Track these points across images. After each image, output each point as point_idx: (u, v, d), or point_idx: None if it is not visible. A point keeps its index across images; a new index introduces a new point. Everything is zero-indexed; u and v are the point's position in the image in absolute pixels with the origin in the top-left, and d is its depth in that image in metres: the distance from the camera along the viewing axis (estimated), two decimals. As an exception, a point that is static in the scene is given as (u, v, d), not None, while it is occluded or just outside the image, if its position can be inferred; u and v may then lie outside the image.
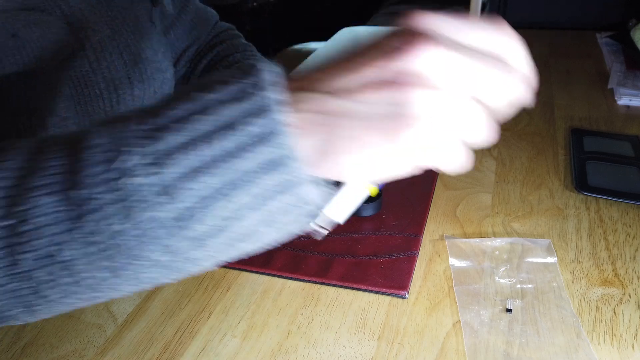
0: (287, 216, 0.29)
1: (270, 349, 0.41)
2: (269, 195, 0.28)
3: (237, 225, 0.28)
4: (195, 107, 0.28)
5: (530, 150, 0.69)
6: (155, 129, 0.27)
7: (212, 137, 0.27)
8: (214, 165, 0.27)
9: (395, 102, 0.26)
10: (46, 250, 0.28)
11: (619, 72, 0.95)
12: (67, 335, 0.44)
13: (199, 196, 0.27)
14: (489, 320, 0.42)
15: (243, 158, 0.27)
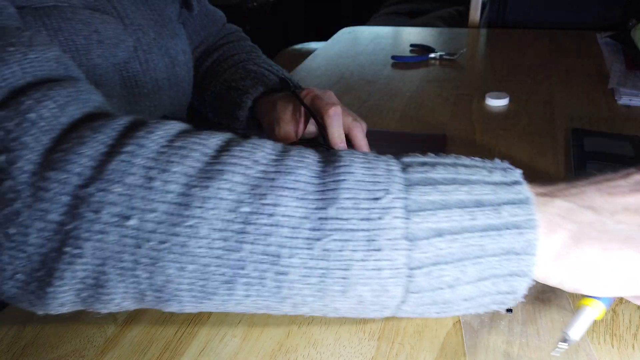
0: (490, 299, 0.31)
1: (271, 349, 0.41)
2: (491, 277, 0.29)
3: (449, 294, 0.30)
4: (457, 177, 0.30)
5: (530, 151, 0.69)
6: (416, 183, 0.29)
7: (470, 209, 0.29)
8: (461, 234, 0.28)
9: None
10: (274, 249, 0.28)
11: (619, 72, 0.95)
12: (67, 335, 0.44)
13: (438, 255, 0.28)
14: (489, 320, 0.42)
15: (490, 237, 0.28)
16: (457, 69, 1.05)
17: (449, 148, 0.71)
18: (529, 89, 0.92)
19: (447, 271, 0.29)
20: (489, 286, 0.30)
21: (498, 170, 0.31)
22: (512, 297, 0.31)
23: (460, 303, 0.30)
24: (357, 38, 1.34)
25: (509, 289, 0.30)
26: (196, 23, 0.78)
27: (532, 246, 0.29)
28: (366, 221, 0.28)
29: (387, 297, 0.30)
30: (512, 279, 0.30)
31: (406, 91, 0.94)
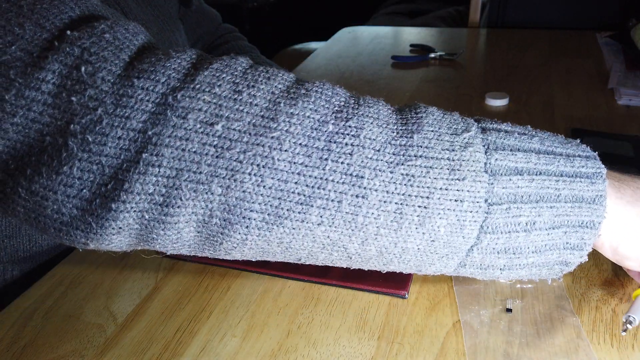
0: (556, 253, 0.32)
1: (270, 349, 0.41)
2: (562, 225, 0.30)
3: (520, 239, 0.30)
4: (528, 130, 0.33)
5: (530, 150, 0.69)
6: (492, 129, 0.31)
7: (548, 154, 0.31)
8: (539, 175, 0.30)
9: None
10: (357, 168, 0.29)
11: (619, 72, 0.95)
12: (67, 335, 0.44)
13: (516, 193, 0.29)
14: (489, 320, 0.42)
15: (565, 182, 0.30)
16: (457, 69, 1.05)
17: (449, 148, 0.71)
18: (529, 89, 0.92)
19: (524, 211, 0.29)
20: (560, 236, 0.30)
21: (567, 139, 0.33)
22: (578, 253, 0.32)
23: (528, 256, 0.31)
24: (357, 38, 1.33)
25: (578, 241, 0.31)
26: (193, 21, 0.78)
27: (601, 197, 0.30)
28: (449, 151, 0.29)
29: (461, 236, 0.30)
30: (582, 230, 0.31)
31: (406, 91, 0.94)
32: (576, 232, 0.31)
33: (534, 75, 0.98)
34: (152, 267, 0.51)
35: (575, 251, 0.32)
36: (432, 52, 1.12)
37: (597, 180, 0.30)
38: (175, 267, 0.51)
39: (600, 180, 0.31)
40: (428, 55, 1.11)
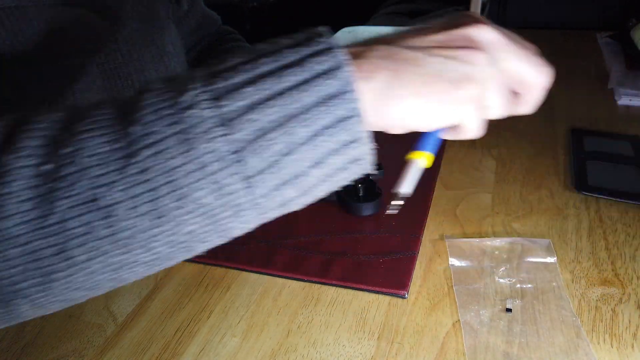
0: (339, 157, 0.30)
1: (270, 349, 0.41)
2: (325, 131, 0.29)
3: (291, 163, 0.29)
4: (262, 51, 0.29)
5: (530, 150, 0.69)
6: (218, 73, 0.28)
7: (276, 73, 0.28)
8: (275, 99, 0.28)
9: (464, 60, 0.31)
10: (89, 194, 0.27)
11: (619, 72, 0.95)
12: (67, 335, 0.44)
13: (259, 128, 0.27)
14: (488, 320, 0.42)
15: (304, 91, 0.28)
16: (457, 69, 1.05)
17: (449, 148, 0.71)
18: (529, 89, 0.92)
19: (275, 139, 0.28)
20: (328, 140, 0.29)
21: (303, 34, 0.30)
22: (358, 144, 0.30)
23: (311, 173, 0.29)
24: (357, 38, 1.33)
25: (350, 135, 0.29)
26: (192, 22, 0.78)
27: (348, 84, 0.28)
28: (174, 125, 0.27)
29: (230, 193, 0.28)
30: (346, 123, 0.29)
31: (406, 91, 0.94)
32: (342, 128, 0.29)
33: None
34: (152, 267, 0.51)
35: (355, 144, 0.30)
36: (432, 52, 1.11)
37: (336, 70, 0.28)
38: (175, 267, 0.51)
39: (339, 69, 0.28)
40: (428, 55, 1.11)
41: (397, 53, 0.31)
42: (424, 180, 0.62)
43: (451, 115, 0.32)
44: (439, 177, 0.64)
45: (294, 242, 0.52)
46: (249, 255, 0.51)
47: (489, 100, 0.33)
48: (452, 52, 0.31)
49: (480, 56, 0.31)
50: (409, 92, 0.31)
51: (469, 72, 0.31)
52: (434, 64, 0.31)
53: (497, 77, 0.32)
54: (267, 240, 0.53)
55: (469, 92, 0.31)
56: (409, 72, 0.31)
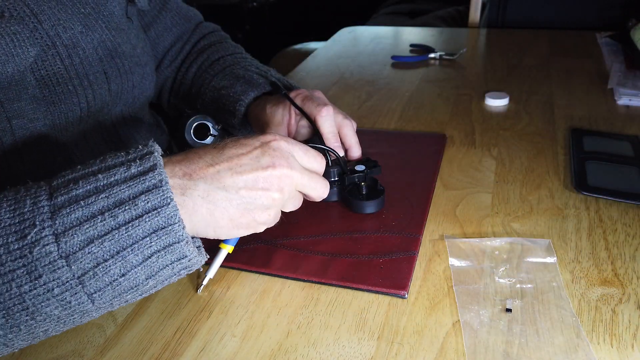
0: (169, 270, 0.38)
1: (270, 349, 0.41)
2: (154, 255, 0.36)
3: (127, 281, 0.36)
4: (97, 185, 0.35)
5: (530, 150, 0.69)
6: (61, 206, 0.34)
7: (110, 210, 0.35)
8: (109, 233, 0.34)
9: (263, 200, 0.41)
10: None
11: (619, 72, 0.95)
12: (67, 335, 0.44)
13: (96, 258, 0.34)
14: (488, 320, 0.42)
15: (135, 226, 0.35)
16: (457, 69, 1.05)
17: (449, 148, 0.71)
18: (529, 89, 0.92)
19: (111, 266, 0.34)
20: (158, 260, 0.36)
21: (137, 160, 0.37)
22: (186, 260, 0.38)
23: (146, 283, 0.37)
24: (357, 38, 1.34)
25: (179, 255, 0.37)
26: (167, 21, 0.78)
27: (172, 217, 0.36)
28: (21, 258, 0.33)
29: (75, 306, 0.35)
30: (174, 247, 0.36)
31: (406, 91, 0.94)
32: (168, 251, 0.36)
33: (534, 75, 0.98)
34: (151, 267, 0.51)
35: (183, 260, 0.38)
36: (432, 52, 1.12)
37: (162, 208, 0.35)
38: (175, 267, 0.51)
39: (166, 206, 0.35)
40: (428, 55, 1.12)
41: (214, 194, 0.39)
42: (424, 180, 0.62)
43: (254, 230, 0.42)
44: (439, 177, 0.64)
45: (294, 242, 0.52)
46: (248, 255, 0.51)
47: (284, 208, 0.45)
48: (256, 193, 0.40)
49: (276, 195, 0.41)
50: (220, 224, 0.40)
51: (268, 204, 0.41)
52: (242, 203, 0.40)
53: (291, 199, 0.44)
54: (267, 240, 0.53)
55: (267, 216, 0.42)
56: (221, 211, 0.39)
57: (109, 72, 0.60)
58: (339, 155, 0.57)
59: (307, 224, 0.55)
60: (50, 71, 0.53)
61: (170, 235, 0.36)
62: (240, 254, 0.51)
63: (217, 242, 0.48)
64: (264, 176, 0.40)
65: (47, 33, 0.52)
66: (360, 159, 0.62)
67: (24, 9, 0.51)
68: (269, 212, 0.42)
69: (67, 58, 0.54)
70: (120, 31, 0.62)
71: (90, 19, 0.58)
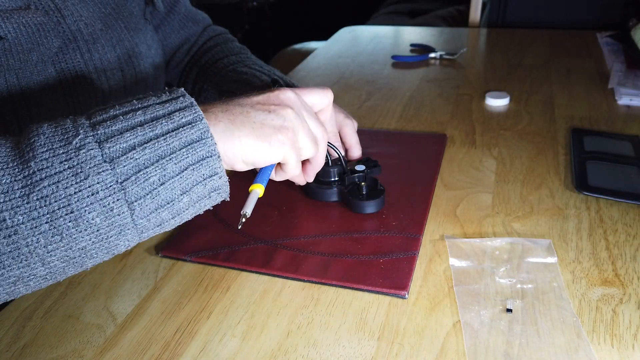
0: (202, 187, 0.39)
1: (270, 349, 0.41)
2: (189, 167, 0.38)
3: (165, 192, 0.37)
4: (133, 108, 0.38)
5: (530, 150, 0.69)
6: (102, 121, 0.37)
7: (149, 123, 0.37)
8: (149, 142, 0.37)
9: (278, 113, 0.43)
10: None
11: (620, 72, 0.95)
12: (67, 335, 0.43)
13: (137, 164, 0.36)
14: (489, 320, 0.42)
15: (172, 137, 0.37)
16: (457, 68, 1.05)
17: (449, 148, 0.71)
18: (530, 88, 0.92)
19: (151, 172, 0.36)
20: (192, 173, 0.38)
21: (166, 92, 0.40)
22: (217, 177, 0.39)
23: (181, 199, 0.38)
24: (357, 38, 1.33)
25: (209, 170, 0.39)
26: (175, 23, 0.78)
27: (205, 132, 0.38)
28: (67, 161, 0.35)
29: (115, 215, 0.36)
30: (206, 161, 0.38)
31: (406, 91, 0.94)
32: (202, 165, 0.38)
33: (535, 75, 0.98)
34: (151, 267, 0.51)
35: (214, 177, 0.39)
36: (433, 52, 1.12)
37: (196, 123, 0.38)
38: (175, 267, 0.51)
39: (199, 122, 0.38)
40: (428, 55, 1.11)
41: (231, 108, 0.42)
42: (424, 180, 0.62)
43: (275, 153, 0.43)
44: (439, 177, 0.64)
45: (294, 242, 0.52)
46: (248, 256, 0.51)
47: (300, 142, 0.45)
48: (269, 107, 0.43)
49: (289, 111, 0.44)
50: (243, 134, 0.41)
51: (283, 122, 0.43)
52: (258, 115, 0.42)
53: (303, 125, 0.45)
54: (267, 241, 0.53)
55: (285, 136, 0.43)
56: (241, 120, 0.42)
57: (125, 70, 0.61)
58: (340, 153, 0.57)
59: (307, 224, 0.55)
60: (70, 64, 0.55)
61: (204, 148, 0.38)
62: (240, 254, 0.51)
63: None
64: (274, 94, 0.45)
65: (70, 28, 0.54)
66: (360, 158, 0.62)
67: (48, 3, 0.53)
68: (286, 129, 0.43)
69: (86, 52, 0.56)
70: (138, 31, 0.64)
71: (110, 18, 0.60)
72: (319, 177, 0.59)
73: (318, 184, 0.59)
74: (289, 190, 0.62)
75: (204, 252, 0.51)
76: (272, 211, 0.58)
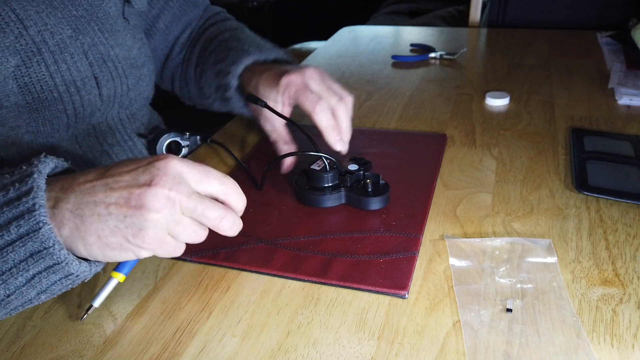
0: (59, 285, 0.39)
1: (270, 349, 0.41)
2: (38, 275, 0.37)
3: (17, 299, 0.37)
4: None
5: (530, 150, 0.69)
6: None
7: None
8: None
9: (136, 219, 0.38)
10: None
11: (620, 72, 0.95)
12: (67, 335, 0.43)
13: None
14: (489, 320, 0.42)
15: (9, 252, 0.36)
16: (457, 68, 1.05)
17: (449, 148, 0.71)
18: (530, 88, 0.92)
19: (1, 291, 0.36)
20: (42, 280, 0.37)
21: (16, 183, 0.37)
22: (74, 276, 0.39)
23: (39, 297, 0.38)
24: (357, 37, 1.33)
25: (63, 273, 0.38)
26: (175, 10, 0.77)
27: (46, 241, 0.36)
28: None
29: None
30: (55, 267, 0.37)
31: (406, 91, 0.94)
32: (52, 271, 0.37)
33: (535, 75, 0.98)
34: (151, 267, 0.51)
35: (70, 276, 0.39)
36: (433, 52, 1.12)
37: (34, 233, 0.36)
38: (175, 267, 0.51)
39: (38, 230, 0.36)
40: (428, 55, 1.11)
41: (83, 208, 0.38)
42: (424, 180, 0.62)
43: (127, 256, 0.39)
44: (440, 177, 0.64)
45: (294, 242, 0.52)
46: (248, 255, 0.51)
47: (176, 234, 0.40)
48: (126, 212, 0.38)
49: (151, 216, 0.38)
50: (88, 242, 0.38)
51: (138, 230, 0.38)
52: (110, 220, 0.38)
53: (176, 222, 0.39)
54: (267, 240, 0.53)
55: (142, 240, 0.38)
56: (87, 227, 0.38)
57: (99, 77, 0.58)
58: (334, 160, 0.57)
59: (307, 223, 0.55)
60: (34, 78, 0.52)
61: (47, 258, 0.37)
62: (240, 254, 0.51)
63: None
64: (137, 193, 0.38)
65: (33, 39, 0.51)
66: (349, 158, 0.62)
67: (9, 14, 0.50)
68: (144, 235, 0.38)
69: (52, 64, 0.53)
70: (115, 33, 0.61)
71: (82, 21, 0.57)
72: (315, 184, 0.58)
73: (315, 191, 0.57)
74: (289, 191, 0.62)
75: (204, 252, 0.51)
76: (272, 211, 0.58)
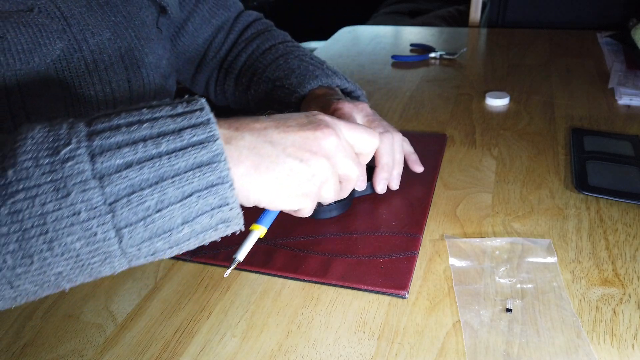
0: (208, 218, 0.34)
1: (270, 349, 0.41)
2: (194, 193, 0.33)
3: (162, 219, 0.32)
4: (141, 118, 0.33)
5: (530, 150, 0.69)
6: (100, 131, 0.32)
7: (153, 139, 0.32)
8: (151, 161, 0.32)
9: (310, 164, 0.38)
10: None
11: (620, 72, 0.95)
12: (67, 335, 0.43)
13: (131, 185, 0.31)
14: (489, 320, 0.42)
15: (178, 157, 0.32)
16: (457, 68, 1.05)
17: (449, 147, 0.71)
18: (530, 88, 0.92)
19: (147, 196, 0.31)
20: (196, 201, 0.33)
21: (184, 103, 0.35)
22: (227, 209, 0.34)
23: (181, 228, 0.33)
24: (357, 37, 1.33)
25: (218, 199, 0.33)
26: (204, 13, 0.76)
27: (218, 155, 0.33)
28: (49, 173, 0.30)
29: (99, 241, 0.31)
30: (216, 188, 0.33)
31: (406, 91, 0.94)
32: (210, 192, 0.33)
33: (535, 75, 0.98)
34: (151, 266, 0.51)
35: (223, 207, 0.34)
36: (433, 52, 1.12)
37: (208, 143, 0.33)
38: (175, 266, 0.51)
39: (212, 142, 0.33)
40: (428, 55, 1.11)
41: (260, 147, 0.37)
42: (424, 180, 0.62)
43: (293, 203, 0.39)
44: (440, 176, 0.64)
45: (294, 242, 0.52)
46: (248, 255, 0.51)
47: (324, 192, 0.41)
48: (303, 155, 0.38)
49: (323, 162, 0.39)
50: (265, 181, 0.37)
51: (311, 176, 0.38)
52: (288, 163, 0.37)
53: (333, 177, 0.41)
54: (267, 240, 0.53)
55: (310, 189, 0.39)
56: (266, 168, 0.37)
57: (132, 82, 0.59)
58: None
59: (307, 223, 0.55)
60: (74, 73, 0.53)
61: (215, 173, 0.33)
62: (240, 254, 0.51)
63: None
64: (313, 136, 0.39)
65: (75, 36, 0.53)
66: None
67: (54, 10, 0.51)
68: (314, 182, 0.39)
69: (92, 63, 0.54)
70: (149, 41, 0.62)
71: (120, 27, 0.58)
72: None
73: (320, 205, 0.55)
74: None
75: (204, 252, 0.51)
76: (272, 211, 0.58)
